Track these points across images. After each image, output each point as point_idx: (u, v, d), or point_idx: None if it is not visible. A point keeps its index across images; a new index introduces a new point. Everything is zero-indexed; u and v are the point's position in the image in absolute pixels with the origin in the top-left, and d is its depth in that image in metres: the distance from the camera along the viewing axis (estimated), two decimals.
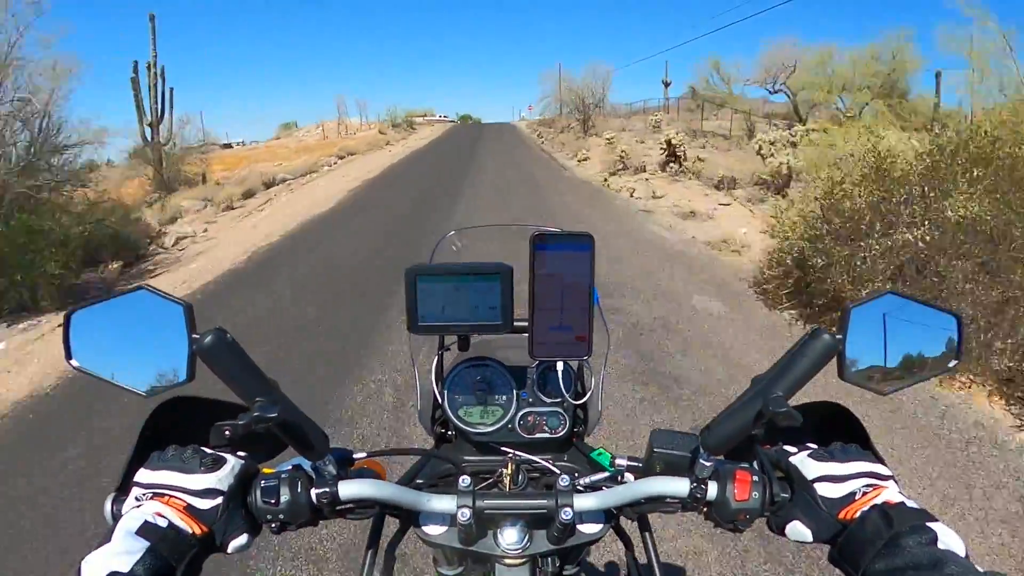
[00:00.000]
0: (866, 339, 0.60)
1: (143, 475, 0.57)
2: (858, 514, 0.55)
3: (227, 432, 0.64)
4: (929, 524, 0.51)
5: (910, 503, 0.54)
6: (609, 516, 0.67)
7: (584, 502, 0.61)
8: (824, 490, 0.58)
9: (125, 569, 0.47)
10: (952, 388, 3.30)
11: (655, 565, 0.68)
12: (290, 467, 0.61)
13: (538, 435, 0.80)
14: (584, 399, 0.83)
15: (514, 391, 0.81)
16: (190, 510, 0.55)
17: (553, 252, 0.64)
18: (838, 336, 0.57)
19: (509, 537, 0.64)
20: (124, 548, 0.48)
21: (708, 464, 0.59)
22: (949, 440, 2.85)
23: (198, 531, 0.54)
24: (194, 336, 0.55)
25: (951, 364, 0.63)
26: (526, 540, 0.64)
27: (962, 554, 0.49)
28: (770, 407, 0.53)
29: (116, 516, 0.56)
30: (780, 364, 0.57)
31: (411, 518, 0.67)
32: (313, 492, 0.59)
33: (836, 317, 0.59)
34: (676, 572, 1.98)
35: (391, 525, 0.72)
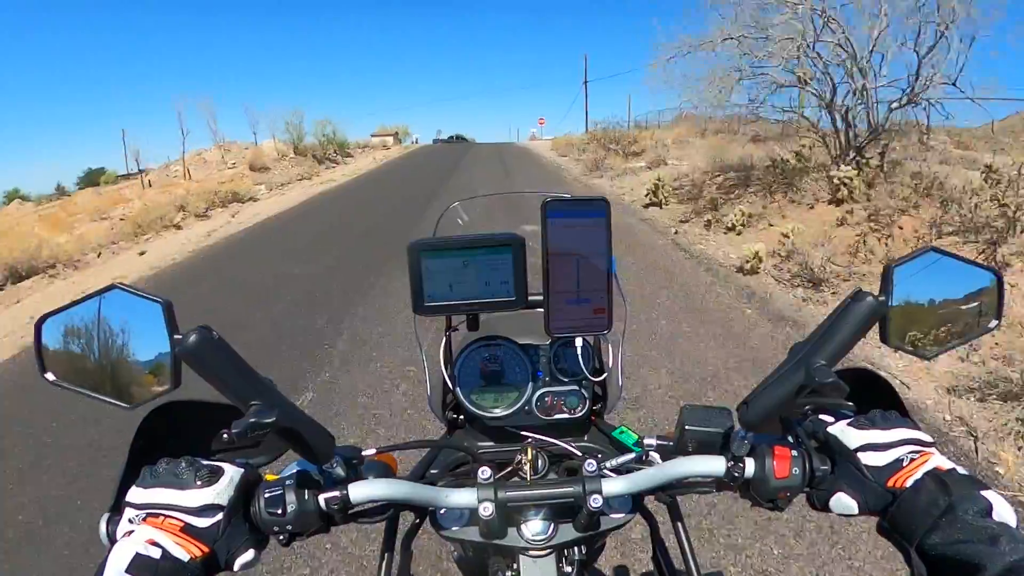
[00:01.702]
0: (907, 300, 0.56)
1: (135, 494, 0.52)
2: (910, 481, 0.52)
3: (224, 436, 0.59)
4: (983, 493, 0.48)
5: (960, 470, 0.52)
6: (637, 499, 0.64)
7: (613, 487, 0.58)
8: (868, 459, 0.54)
9: None
10: None
11: (688, 552, 0.65)
12: (295, 471, 0.57)
13: (556, 416, 0.76)
14: (604, 376, 0.79)
15: (529, 370, 0.77)
16: (187, 530, 0.50)
17: (567, 220, 0.59)
18: (881, 298, 0.53)
19: (533, 528, 0.61)
20: None
21: (745, 441, 0.56)
22: None
23: (198, 553, 0.50)
24: (176, 337, 0.49)
25: (992, 324, 0.60)
26: (551, 530, 0.61)
27: (1013, 524, 0.47)
28: (816, 378, 0.49)
29: (111, 538, 0.52)
30: (821, 330, 0.53)
31: (428, 512, 0.64)
32: (322, 498, 0.55)
33: None
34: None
35: (406, 517, 0.69)
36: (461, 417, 0.81)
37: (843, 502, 0.55)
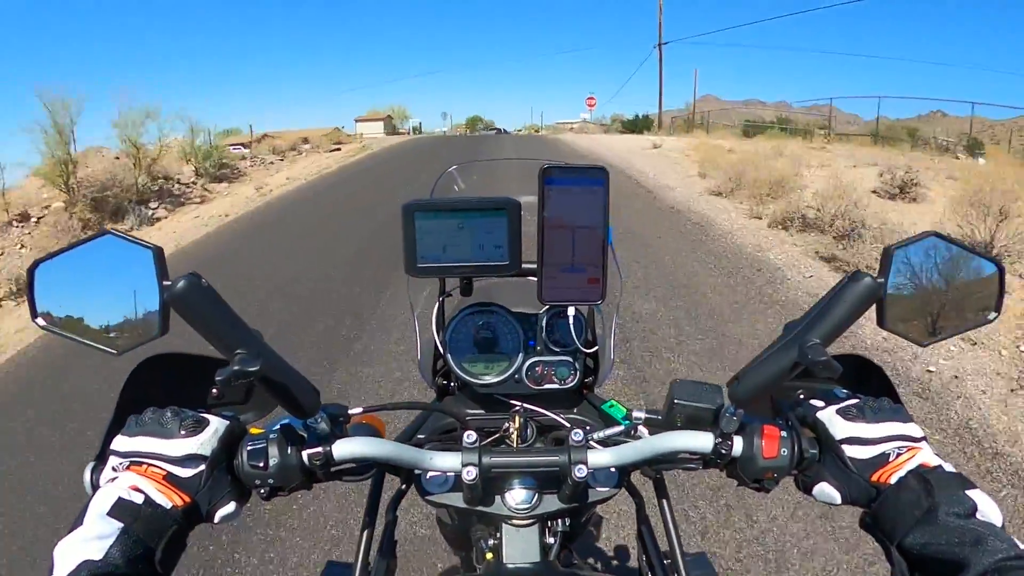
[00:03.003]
0: (906, 284, 0.56)
1: (120, 442, 0.53)
2: (894, 478, 0.52)
3: (214, 393, 0.59)
4: (968, 492, 0.48)
5: (947, 467, 0.51)
6: (623, 473, 0.64)
7: (599, 458, 0.58)
8: (853, 452, 0.54)
9: (98, 556, 0.43)
10: None
11: (672, 531, 0.65)
12: (279, 426, 0.57)
13: (547, 386, 0.76)
14: (595, 348, 0.79)
15: (521, 339, 0.77)
16: (170, 479, 0.50)
17: (564, 187, 0.58)
18: (879, 279, 0.52)
19: (517, 496, 0.61)
20: (96, 532, 0.44)
21: (735, 418, 0.55)
22: None
23: (179, 502, 0.50)
24: (165, 283, 0.49)
25: (990, 316, 0.59)
26: (535, 500, 0.61)
27: (999, 524, 0.47)
28: (808, 356, 0.49)
29: (95, 486, 0.52)
30: (816, 309, 0.52)
31: (412, 477, 0.63)
32: (305, 453, 0.55)
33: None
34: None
35: (391, 484, 0.69)
36: (452, 384, 0.81)
37: (826, 491, 0.55)
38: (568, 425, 0.70)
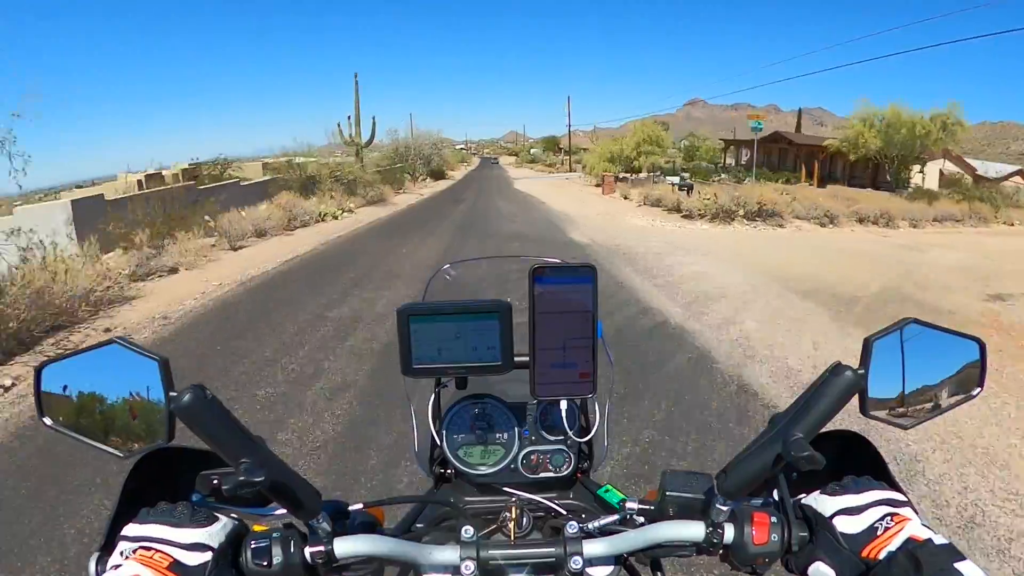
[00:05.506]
0: (887, 371, 0.57)
1: (131, 529, 0.54)
2: (883, 553, 0.52)
3: (215, 481, 0.61)
4: (956, 565, 0.49)
5: (937, 539, 0.52)
6: (619, 560, 0.64)
7: (594, 548, 0.59)
8: (843, 525, 0.55)
9: None
10: None
11: None
12: (282, 525, 0.58)
13: (542, 474, 0.77)
14: (590, 435, 0.80)
15: (516, 428, 0.78)
16: (176, 567, 0.51)
17: (553, 285, 0.60)
18: (860, 371, 0.54)
19: None
20: None
21: (724, 508, 0.57)
22: None
23: None
24: (171, 394, 0.51)
25: (974, 392, 0.61)
26: None
27: None
28: (791, 451, 0.50)
29: None
30: (799, 403, 0.54)
31: (412, 567, 0.64)
32: (307, 551, 0.56)
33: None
34: None
35: (391, 570, 0.69)
36: (448, 471, 0.82)
37: (821, 571, 0.56)
38: (564, 512, 0.71)
